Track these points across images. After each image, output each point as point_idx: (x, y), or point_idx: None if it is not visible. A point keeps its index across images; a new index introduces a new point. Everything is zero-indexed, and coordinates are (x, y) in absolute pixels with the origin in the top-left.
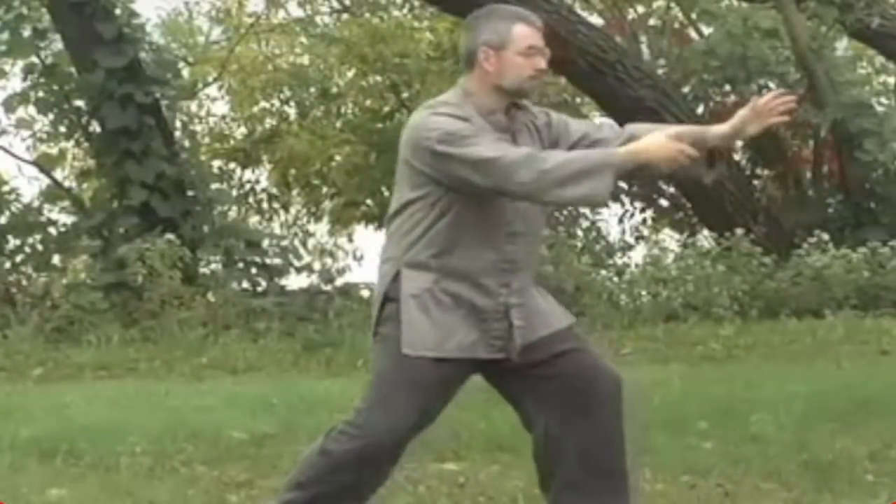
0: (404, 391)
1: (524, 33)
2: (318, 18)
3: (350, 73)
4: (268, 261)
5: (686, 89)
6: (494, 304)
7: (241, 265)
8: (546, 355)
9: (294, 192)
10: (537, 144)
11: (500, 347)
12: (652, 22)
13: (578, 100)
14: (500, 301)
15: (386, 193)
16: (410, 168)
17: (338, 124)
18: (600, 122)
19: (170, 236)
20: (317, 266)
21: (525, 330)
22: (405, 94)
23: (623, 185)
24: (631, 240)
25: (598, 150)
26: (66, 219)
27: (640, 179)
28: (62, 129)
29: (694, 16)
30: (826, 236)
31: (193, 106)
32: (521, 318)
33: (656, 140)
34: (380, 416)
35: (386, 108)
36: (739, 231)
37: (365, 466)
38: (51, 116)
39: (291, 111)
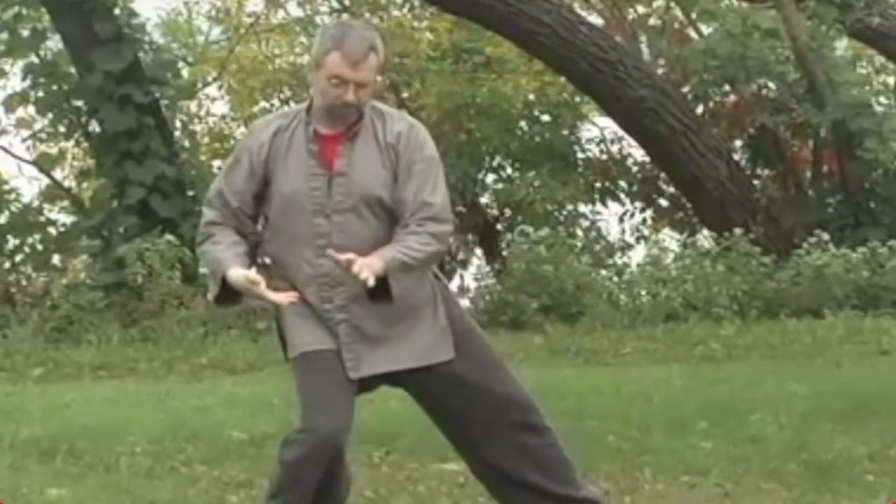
0: (319, 385)
1: (334, 62)
2: (317, 18)
3: None
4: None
5: (686, 89)
6: (324, 317)
7: None
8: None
9: None
10: (378, 158)
11: (353, 368)
12: (652, 22)
13: (578, 99)
14: (327, 316)
15: None
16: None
17: None
18: (413, 198)
19: (169, 236)
20: None
21: (361, 348)
22: (405, 94)
23: (624, 184)
24: (631, 240)
25: (223, 253)
26: (66, 219)
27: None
28: (62, 128)
29: (694, 15)
30: (826, 236)
31: (193, 106)
32: (350, 336)
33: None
34: (317, 417)
35: None
36: (738, 231)
37: (320, 465)
38: (50, 116)
39: None
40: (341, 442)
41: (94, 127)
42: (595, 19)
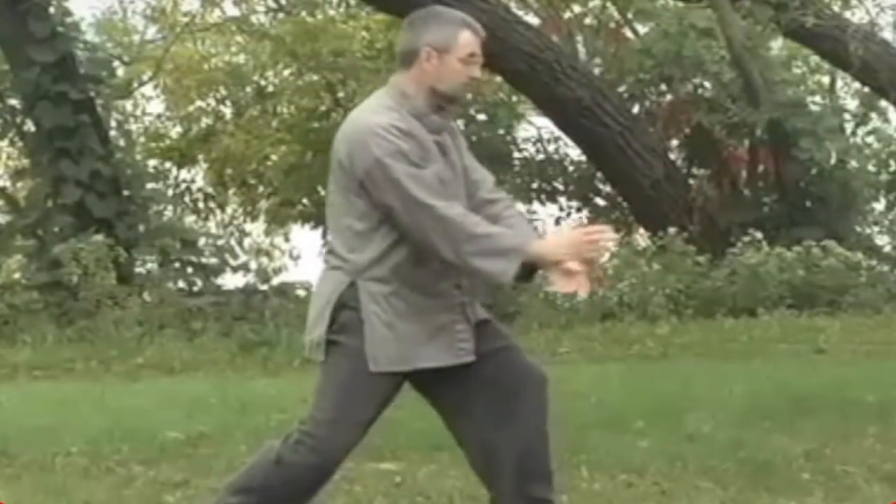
0: (364, 405)
1: (469, 40)
2: (253, 17)
3: (286, 73)
4: (204, 260)
5: (622, 88)
6: (452, 307)
7: (176, 265)
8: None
9: (230, 192)
10: (454, 147)
11: (468, 350)
12: (588, 21)
13: (515, 98)
14: (457, 302)
15: (322, 193)
16: (350, 174)
17: (274, 123)
18: (484, 176)
19: (104, 236)
20: (253, 265)
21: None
22: (341, 94)
23: (560, 184)
24: None
25: (516, 234)
26: (1, 218)
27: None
28: None
29: (630, 15)
30: (759, 235)
31: (129, 105)
32: (473, 315)
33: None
34: (340, 432)
35: (322, 108)
36: (674, 230)
37: (322, 478)
38: None
39: (227, 110)
40: (346, 456)
41: (29, 126)
42: (531, 19)
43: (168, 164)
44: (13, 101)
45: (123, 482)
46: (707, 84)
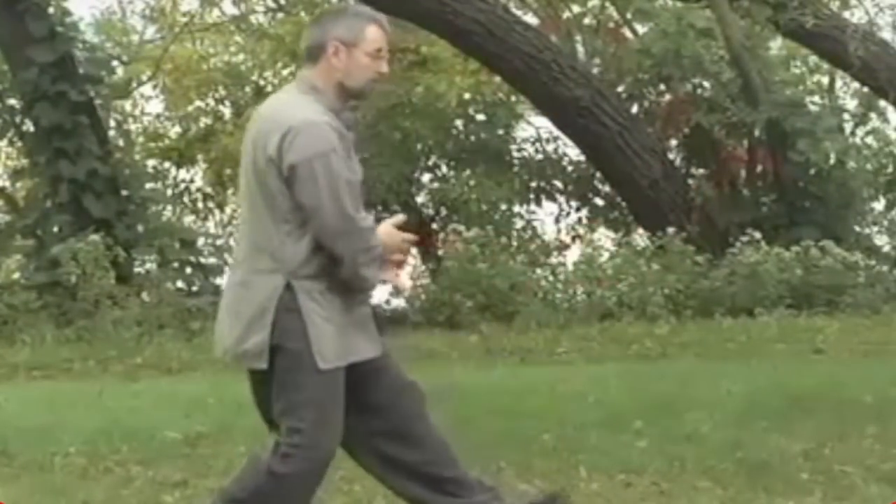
0: (333, 403)
1: (375, 35)
2: (252, 17)
3: (285, 72)
4: (203, 260)
5: (621, 88)
6: (367, 300)
7: (175, 265)
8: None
9: (229, 192)
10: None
11: (381, 343)
12: (587, 21)
13: (514, 98)
14: (368, 296)
15: None
16: (274, 168)
17: None
18: None
19: (102, 236)
20: None
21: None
22: None
23: (559, 184)
24: (566, 239)
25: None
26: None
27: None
28: None
29: (629, 15)
30: (758, 235)
31: (128, 105)
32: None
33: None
34: (324, 435)
35: None
36: (673, 230)
37: (315, 482)
38: None
39: (226, 110)
40: (335, 446)
41: (28, 126)
42: (530, 19)
43: (167, 164)
44: (12, 101)
45: (122, 482)
46: (706, 84)
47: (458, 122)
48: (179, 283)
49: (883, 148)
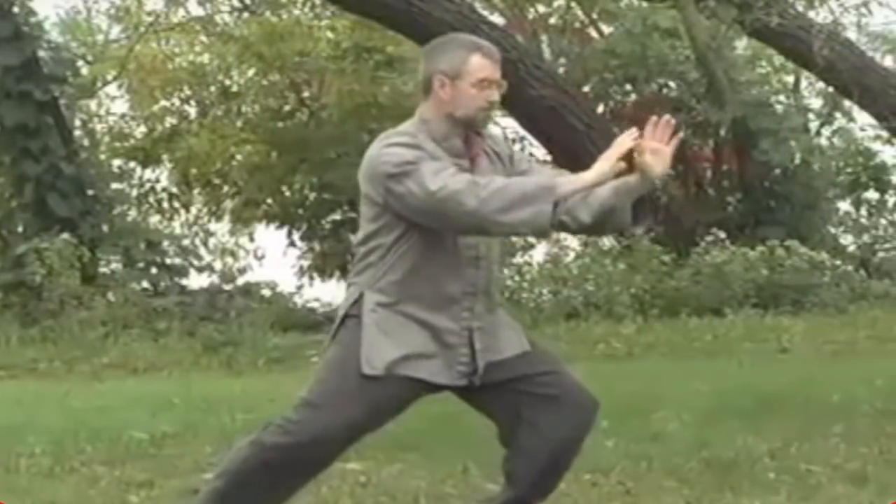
0: (350, 404)
1: (479, 65)
2: (217, 17)
3: (250, 72)
4: (168, 261)
5: (587, 88)
6: (458, 328)
7: (141, 265)
8: (514, 375)
9: (195, 192)
10: (498, 171)
11: (465, 374)
12: (552, 21)
13: None
14: (464, 325)
15: (287, 193)
16: (369, 200)
17: (238, 123)
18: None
19: (68, 236)
20: (218, 265)
21: (486, 353)
22: (305, 94)
23: None
24: (532, 238)
25: (538, 178)
26: None
27: None
28: None
29: (594, 15)
30: (723, 234)
31: (93, 104)
32: (482, 341)
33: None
34: (316, 419)
35: (286, 107)
36: (637, 229)
37: (288, 464)
38: None
39: (192, 110)
40: (324, 456)
41: None
42: (496, 19)
43: (132, 164)
44: None
45: (88, 482)
46: (672, 84)
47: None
48: (145, 284)
49: (848, 147)
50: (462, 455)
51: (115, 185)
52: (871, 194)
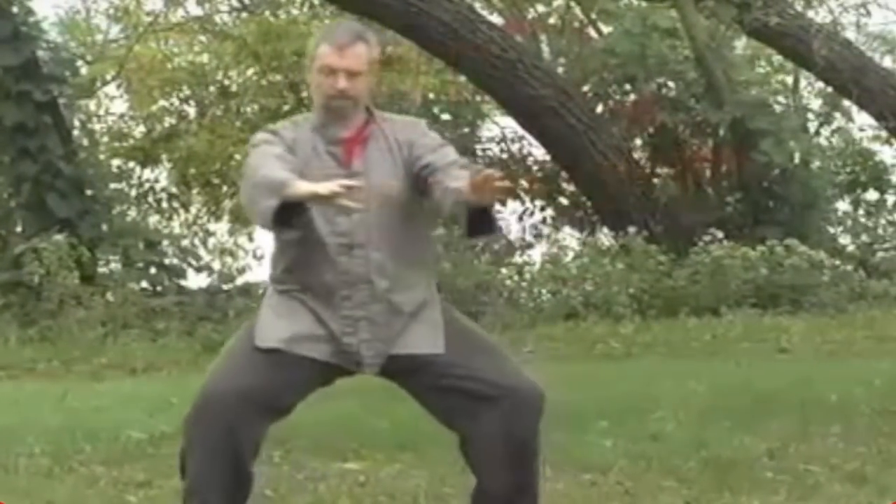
0: (240, 373)
1: (322, 52)
2: (216, 17)
3: (249, 72)
4: (167, 261)
5: (586, 88)
6: (338, 317)
7: (140, 265)
8: (442, 373)
9: (194, 191)
10: (393, 158)
11: (355, 361)
12: (551, 21)
13: (479, 98)
14: (344, 314)
15: None
16: None
17: (237, 123)
18: (449, 155)
19: (66, 235)
20: (217, 265)
21: (377, 342)
22: (304, 93)
23: (524, 182)
24: (531, 238)
25: (285, 175)
26: None
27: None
28: None
29: (593, 15)
30: (721, 234)
31: (92, 104)
32: (370, 331)
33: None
34: (209, 384)
35: (285, 107)
36: (633, 229)
37: (197, 438)
38: None
39: (191, 110)
40: (233, 409)
41: None
42: (495, 18)
43: (132, 164)
44: None
45: (86, 482)
46: (671, 84)
47: (423, 122)
48: (144, 284)
49: (847, 147)
50: (458, 455)
51: (114, 185)
52: (870, 194)
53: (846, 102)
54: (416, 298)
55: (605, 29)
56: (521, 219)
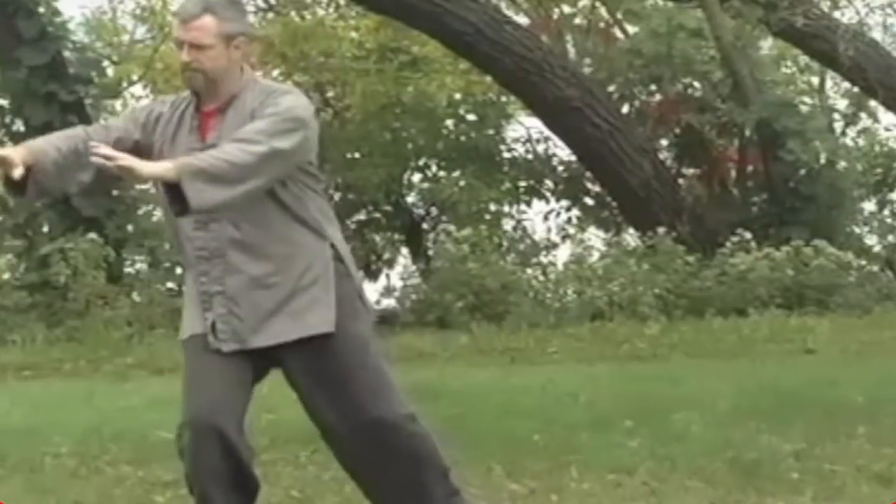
0: (189, 374)
1: (173, 26)
2: None
3: (275, 73)
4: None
5: (611, 88)
6: (198, 292)
7: (166, 265)
8: (301, 381)
9: None
10: (242, 123)
11: (229, 337)
12: (577, 21)
13: (504, 98)
14: (203, 289)
15: None
16: None
17: None
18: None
19: (93, 236)
20: None
21: (231, 319)
22: (330, 94)
23: (549, 183)
24: (556, 238)
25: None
26: None
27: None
28: None
29: (619, 15)
30: (748, 235)
31: (118, 105)
32: (225, 306)
33: None
34: (190, 404)
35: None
36: (661, 230)
37: (206, 449)
38: None
39: None
40: (220, 424)
41: (18, 126)
42: (521, 19)
43: None
44: (2, 101)
45: (113, 482)
46: (696, 84)
47: (449, 123)
48: (170, 284)
49: (873, 147)
50: (484, 455)
51: (139, 186)
52: None
53: (872, 103)
54: (291, 271)
55: (631, 29)
56: (546, 218)
